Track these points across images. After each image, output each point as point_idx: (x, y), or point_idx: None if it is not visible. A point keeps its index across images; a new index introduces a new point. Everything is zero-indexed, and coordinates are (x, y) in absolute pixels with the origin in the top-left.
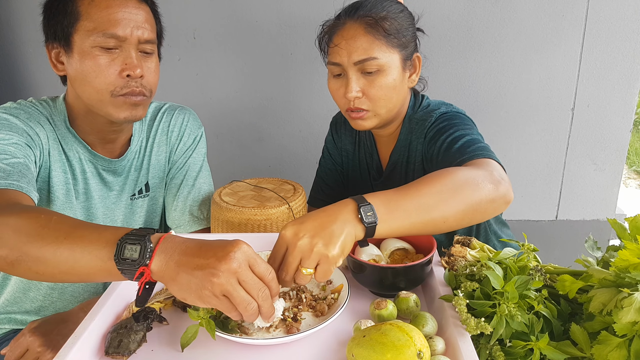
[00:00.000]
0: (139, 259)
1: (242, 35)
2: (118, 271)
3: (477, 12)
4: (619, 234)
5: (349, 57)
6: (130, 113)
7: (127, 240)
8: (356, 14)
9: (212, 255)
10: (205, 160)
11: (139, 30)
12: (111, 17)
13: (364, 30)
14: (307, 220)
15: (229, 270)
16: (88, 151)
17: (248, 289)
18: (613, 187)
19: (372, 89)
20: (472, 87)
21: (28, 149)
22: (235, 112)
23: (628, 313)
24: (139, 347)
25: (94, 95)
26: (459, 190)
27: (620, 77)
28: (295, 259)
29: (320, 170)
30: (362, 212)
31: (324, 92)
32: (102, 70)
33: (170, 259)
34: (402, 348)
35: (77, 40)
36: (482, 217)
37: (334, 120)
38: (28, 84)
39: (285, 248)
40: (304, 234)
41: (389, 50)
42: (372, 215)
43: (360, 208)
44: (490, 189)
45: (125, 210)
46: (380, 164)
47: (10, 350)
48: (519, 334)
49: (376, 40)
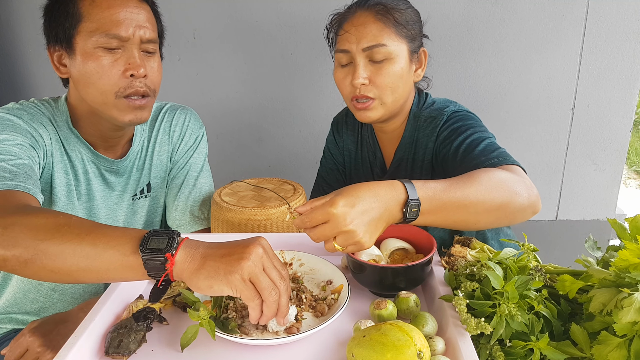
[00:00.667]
0: (165, 248)
1: (242, 35)
2: (139, 265)
3: (477, 12)
4: (619, 234)
5: (358, 43)
6: (135, 116)
7: (154, 234)
8: (367, 4)
9: (237, 245)
10: (206, 160)
11: (141, 30)
12: (113, 17)
13: (374, 18)
14: (358, 204)
15: (257, 255)
16: (90, 152)
17: (272, 277)
18: (613, 187)
19: (379, 77)
20: (472, 87)
21: (32, 150)
22: (235, 112)
23: (628, 313)
24: (139, 347)
25: (98, 97)
26: (499, 194)
27: (620, 77)
28: (333, 233)
29: (321, 170)
30: (409, 208)
31: (324, 92)
32: (105, 71)
33: (196, 251)
34: (402, 348)
35: (79, 41)
36: (509, 222)
37: (335, 121)
38: (28, 84)
39: (327, 219)
40: (352, 220)
41: (398, 40)
42: (415, 212)
43: (409, 204)
44: (525, 198)
45: (127, 210)
46: (383, 162)
47: (10, 350)
48: (519, 334)
49: (386, 27)
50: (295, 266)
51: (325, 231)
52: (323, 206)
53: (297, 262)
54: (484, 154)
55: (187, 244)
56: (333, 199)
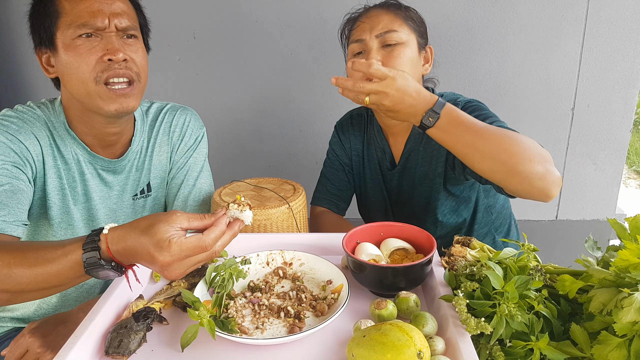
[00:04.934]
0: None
1: (242, 35)
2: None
3: (477, 12)
4: (619, 234)
5: (371, 31)
6: (120, 105)
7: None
8: (380, 3)
9: (150, 262)
10: (206, 160)
11: (116, 19)
12: (88, 8)
13: (387, 10)
14: (408, 89)
15: (171, 272)
16: (87, 152)
17: (197, 260)
18: (613, 187)
19: (391, 59)
20: (472, 87)
21: (15, 169)
22: (235, 112)
23: (628, 313)
24: (139, 347)
25: (80, 86)
26: (512, 147)
27: (620, 77)
28: (375, 90)
29: (325, 170)
30: (426, 115)
31: (324, 92)
32: (83, 58)
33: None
34: (402, 348)
35: (59, 36)
36: (512, 181)
37: (339, 124)
38: (29, 84)
39: (384, 78)
40: (395, 89)
41: (409, 31)
42: (431, 121)
43: (429, 111)
44: (537, 168)
45: (128, 210)
46: (392, 157)
47: (10, 351)
48: (519, 334)
49: (398, 18)
50: (295, 266)
51: (373, 86)
52: (389, 70)
53: (297, 262)
54: None
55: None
56: (397, 73)
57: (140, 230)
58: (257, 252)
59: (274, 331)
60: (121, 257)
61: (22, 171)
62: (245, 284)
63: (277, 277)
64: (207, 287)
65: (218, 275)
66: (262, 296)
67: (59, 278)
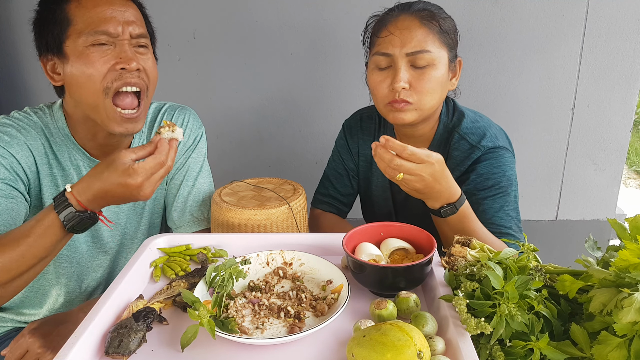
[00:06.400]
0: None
1: (242, 35)
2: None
3: (477, 12)
4: (619, 234)
5: (402, 47)
6: (126, 129)
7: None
8: (411, 9)
9: (123, 191)
10: (205, 160)
11: (130, 26)
12: (100, 15)
13: (420, 23)
14: (441, 175)
15: (144, 191)
16: (87, 158)
17: (158, 179)
18: (613, 187)
19: (420, 82)
20: (472, 87)
21: (6, 186)
22: (235, 112)
23: (628, 313)
24: (139, 347)
25: (89, 97)
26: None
27: (620, 77)
28: (411, 171)
29: (328, 172)
30: (445, 209)
31: (324, 92)
32: (95, 66)
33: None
34: (402, 348)
35: (69, 45)
36: None
37: (348, 124)
38: (30, 85)
39: (423, 162)
40: (429, 175)
41: (441, 47)
42: (447, 214)
43: (448, 206)
44: None
45: (129, 212)
46: None
47: (10, 351)
48: (519, 334)
49: (431, 34)
50: (295, 266)
51: (411, 166)
52: (427, 155)
53: (297, 262)
54: (494, 223)
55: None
56: (435, 159)
57: (100, 173)
58: (257, 252)
59: (274, 331)
60: (92, 205)
61: (12, 187)
62: (245, 284)
63: (277, 277)
64: (207, 287)
65: (218, 275)
66: (262, 296)
67: (44, 247)
